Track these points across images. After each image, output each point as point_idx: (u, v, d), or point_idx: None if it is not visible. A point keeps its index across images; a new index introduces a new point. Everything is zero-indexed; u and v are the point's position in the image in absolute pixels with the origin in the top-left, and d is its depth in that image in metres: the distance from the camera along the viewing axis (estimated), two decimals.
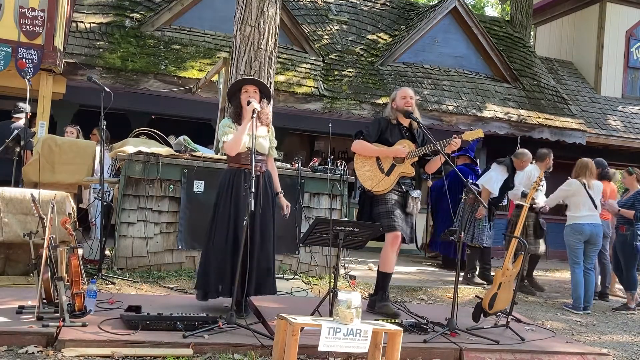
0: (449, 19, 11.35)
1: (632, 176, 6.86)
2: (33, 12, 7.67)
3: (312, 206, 6.43)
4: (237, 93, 4.38)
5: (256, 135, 4.17)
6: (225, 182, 4.33)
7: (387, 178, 4.67)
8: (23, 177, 6.25)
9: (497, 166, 7.12)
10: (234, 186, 4.28)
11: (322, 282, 6.16)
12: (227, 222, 4.23)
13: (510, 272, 4.77)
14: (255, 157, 4.16)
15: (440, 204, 8.59)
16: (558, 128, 11.04)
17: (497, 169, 7.09)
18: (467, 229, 7.10)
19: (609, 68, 13.37)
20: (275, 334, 3.44)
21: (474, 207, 7.12)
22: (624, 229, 6.61)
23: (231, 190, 4.28)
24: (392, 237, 4.61)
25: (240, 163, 4.29)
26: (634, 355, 4.75)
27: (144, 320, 3.69)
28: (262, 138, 4.31)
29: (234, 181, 4.29)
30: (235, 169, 4.33)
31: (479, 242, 7.11)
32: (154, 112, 9.82)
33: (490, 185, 6.99)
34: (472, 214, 7.14)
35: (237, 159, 4.30)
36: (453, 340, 4.12)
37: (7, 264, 4.92)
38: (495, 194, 7.07)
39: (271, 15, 6.60)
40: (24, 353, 3.27)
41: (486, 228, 7.13)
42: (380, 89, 10.15)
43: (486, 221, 7.14)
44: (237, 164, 4.31)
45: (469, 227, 7.11)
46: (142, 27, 9.33)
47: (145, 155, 5.74)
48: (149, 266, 5.75)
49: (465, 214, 7.22)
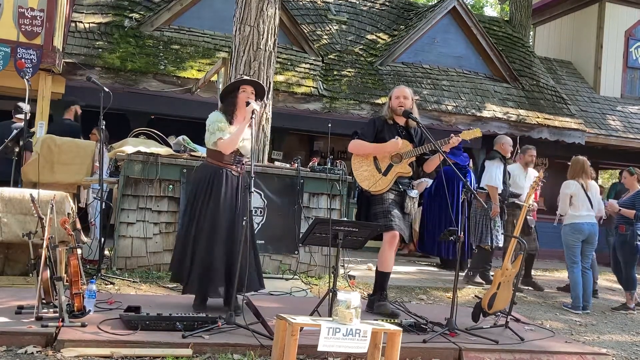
0: (448, 19, 11.35)
1: (633, 176, 6.87)
2: (32, 12, 7.66)
3: (312, 206, 6.42)
4: (234, 92, 4.38)
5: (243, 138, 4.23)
6: (205, 179, 4.27)
7: (384, 178, 4.68)
8: (22, 177, 6.25)
9: (491, 162, 7.11)
10: (214, 185, 4.24)
11: (321, 282, 6.16)
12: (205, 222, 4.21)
13: (510, 272, 4.77)
14: (239, 158, 4.26)
15: (430, 205, 8.59)
16: (557, 128, 11.04)
17: (493, 164, 7.08)
18: (477, 230, 7.04)
19: (608, 68, 13.37)
20: (275, 334, 3.44)
21: (484, 209, 7.03)
22: (624, 229, 6.62)
23: (211, 188, 4.24)
24: (390, 236, 4.62)
25: (223, 162, 4.28)
26: (633, 355, 4.76)
27: (143, 320, 3.69)
28: (247, 140, 4.32)
29: (214, 180, 4.25)
30: (215, 166, 4.29)
31: (487, 243, 6.99)
32: (153, 112, 9.81)
33: (495, 182, 6.95)
34: (484, 215, 7.02)
35: (220, 157, 4.28)
36: (452, 340, 4.12)
37: (6, 264, 4.92)
38: (501, 188, 7.04)
39: (270, 15, 6.60)
40: (23, 353, 3.27)
41: (500, 228, 7.07)
42: (380, 89, 10.15)
43: (499, 221, 7.08)
44: (219, 162, 4.28)
45: (480, 229, 7.05)
46: (141, 27, 9.33)
47: (144, 155, 5.74)
48: (148, 266, 5.74)
49: (476, 216, 7.11)
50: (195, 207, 4.28)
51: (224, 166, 4.28)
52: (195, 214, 4.26)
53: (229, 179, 4.29)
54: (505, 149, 7.18)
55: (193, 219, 4.27)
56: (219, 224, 4.21)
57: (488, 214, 6.97)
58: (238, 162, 4.32)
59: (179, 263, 4.30)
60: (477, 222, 7.07)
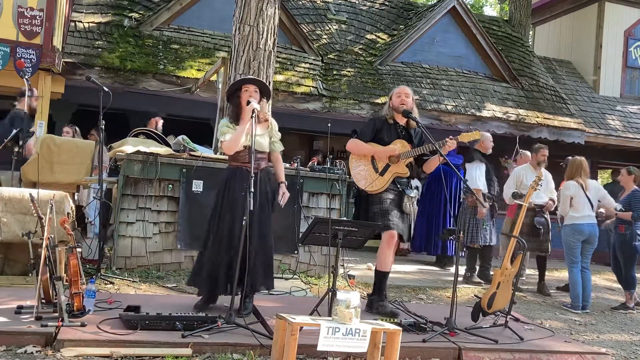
0: (447, 19, 11.36)
1: (631, 176, 6.88)
2: (31, 11, 7.66)
3: (311, 206, 6.42)
4: (237, 92, 4.39)
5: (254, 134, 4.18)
6: (224, 181, 4.37)
7: (381, 178, 4.67)
8: (22, 177, 6.24)
9: (471, 164, 7.15)
10: (231, 185, 4.31)
11: (321, 281, 6.16)
12: (223, 222, 4.25)
13: (509, 271, 4.77)
14: (255, 156, 4.18)
15: (421, 204, 8.60)
16: (557, 127, 11.04)
17: (473, 166, 7.11)
18: (468, 230, 7.07)
19: (608, 67, 13.38)
20: (274, 334, 3.44)
21: (474, 208, 7.09)
22: (623, 229, 6.63)
23: (228, 189, 4.30)
24: (388, 236, 4.62)
25: (239, 162, 4.33)
26: (632, 355, 4.76)
27: (143, 320, 3.68)
28: (260, 136, 4.32)
29: (231, 180, 4.32)
30: (233, 168, 4.37)
31: (477, 242, 7.08)
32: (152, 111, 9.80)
33: (476, 184, 6.99)
34: (473, 215, 7.11)
35: (235, 157, 4.34)
36: (452, 339, 4.12)
37: (5, 264, 4.92)
38: (485, 190, 7.08)
39: (270, 14, 6.60)
40: (22, 353, 3.26)
41: (489, 227, 7.11)
42: (379, 88, 10.15)
43: (489, 220, 7.13)
44: (236, 162, 4.35)
45: (470, 228, 7.08)
46: (141, 26, 9.33)
47: (144, 155, 5.73)
48: (148, 266, 5.74)
49: (466, 215, 7.18)
50: (215, 210, 4.34)
51: (241, 165, 4.31)
52: (215, 216, 4.32)
53: (245, 178, 4.27)
54: (486, 146, 7.22)
55: (214, 222, 4.31)
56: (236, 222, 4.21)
57: (475, 214, 7.04)
58: (256, 159, 4.21)
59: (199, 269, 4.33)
60: (467, 221, 7.10)
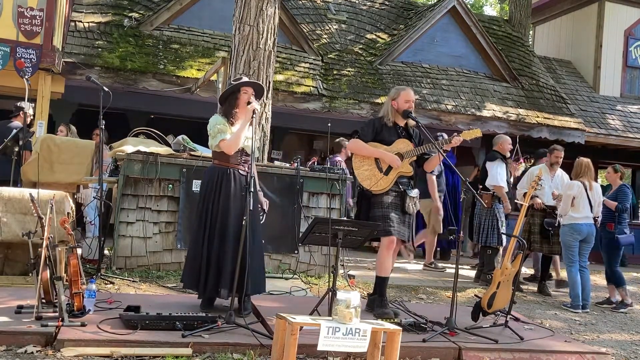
0: (447, 19, 11.35)
1: (617, 173, 6.97)
2: (31, 11, 7.66)
3: (311, 205, 6.42)
4: (235, 93, 4.39)
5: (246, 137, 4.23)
6: (213, 180, 4.29)
7: (385, 177, 4.67)
8: (22, 177, 6.25)
9: (492, 162, 7.11)
10: (222, 186, 4.26)
11: (321, 281, 6.16)
12: (216, 222, 4.22)
13: (509, 271, 4.78)
14: (245, 158, 4.24)
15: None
16: (557, 127, 11.04)
17: (494, 165, 7.07)
18: (482, 230, 7.01)
19: (608, 67, 13.37)
20: (275, 334, 3.45)
21: (491, 209, 6.94)
22: (612, 227, 6.70)
23: (220, 189, 4.26)
24: (388, 241, 4.61)
25: (230, 163, 4.30)
26: (633, 354, 4.76)
27: (143, 319, 3.69)
28: (249, 139, 4.31)
29: (222, 181, 4.27)
30: (223, 167, 4.31)
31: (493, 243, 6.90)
32: (152, 111, 9.82)
33: (498, 181, 6.95)
34: (488, 216, 6.95)
35: (226, 158, 4.29)
36: (452, 339, 4.12)
37: (5, 264, 4.92)
38: (506, 188, 7.02)
39: (270, 14, 6.60)
40: (23, 353, 3.27)
41: (503, 227, 7.03)
42: (379, 88, 10.15)
43: (504, 220, 7.01)
44: (226, 163, 4.30)
45: (485, 229, 7.01)
46: (141, 26, 9.33)
47: (144, 155, 5.73)
48: (148, 266, 5.74)
49: (482, 216, 7.04)
50: (205, 210, 4.28)
51: (231, 166, 4.29)
52: (206, 216, 4.27)
53: (237, 179, 4.29)
54: (505, 148, 7.21)
55: (203, 222, 4.27)
56: (229, 223, 4.22)
57: (492, 214, 6.95)
58: (245, 161, 4.31)
59: (192, 270, 4.30)
60: (481, 222, 7.03)
